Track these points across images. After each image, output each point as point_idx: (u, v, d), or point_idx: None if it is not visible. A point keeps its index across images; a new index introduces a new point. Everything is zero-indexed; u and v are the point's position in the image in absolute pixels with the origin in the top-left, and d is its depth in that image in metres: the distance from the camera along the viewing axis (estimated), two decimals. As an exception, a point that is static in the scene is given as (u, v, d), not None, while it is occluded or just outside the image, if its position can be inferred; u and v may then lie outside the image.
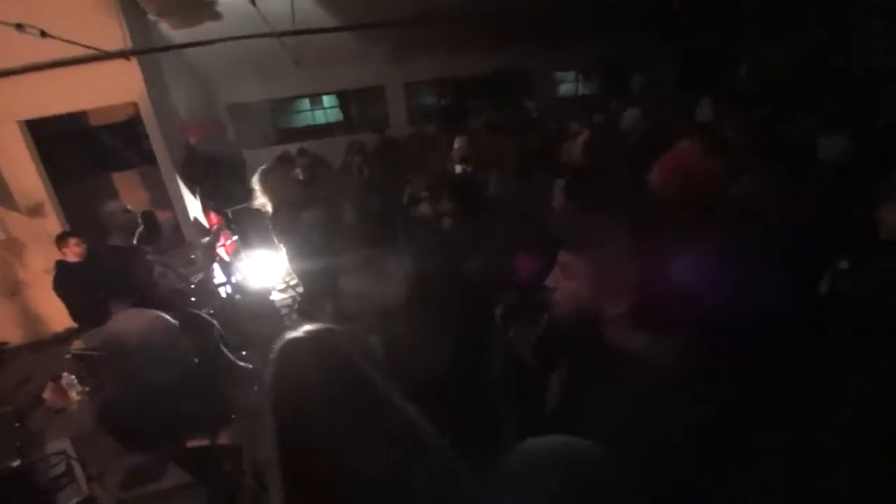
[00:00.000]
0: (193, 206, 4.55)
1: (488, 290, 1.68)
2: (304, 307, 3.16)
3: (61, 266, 3.20)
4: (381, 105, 7.82)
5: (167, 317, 1.56)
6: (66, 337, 3.41)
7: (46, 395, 2.58)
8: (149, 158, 4.61)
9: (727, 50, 7.41)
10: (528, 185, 2.77)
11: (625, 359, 0.89)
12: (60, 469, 1.64)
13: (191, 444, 1.56)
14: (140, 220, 3.16)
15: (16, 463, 1.56)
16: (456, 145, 3.92)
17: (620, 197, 1.63)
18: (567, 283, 0.95)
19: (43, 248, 3.90)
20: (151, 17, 4.42)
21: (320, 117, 8.03)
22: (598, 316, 0.93)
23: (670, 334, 0.90)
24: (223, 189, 4.25)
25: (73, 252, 3.19)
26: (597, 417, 0.84)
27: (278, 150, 6.28)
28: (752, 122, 3.29)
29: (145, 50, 4.05)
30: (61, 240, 3.24)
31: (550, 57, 8.07)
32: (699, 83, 6.41)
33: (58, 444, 1.79)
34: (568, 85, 9.23)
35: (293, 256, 2.81)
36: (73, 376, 2.72)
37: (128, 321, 1.53)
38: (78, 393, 2.67)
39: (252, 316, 3.66)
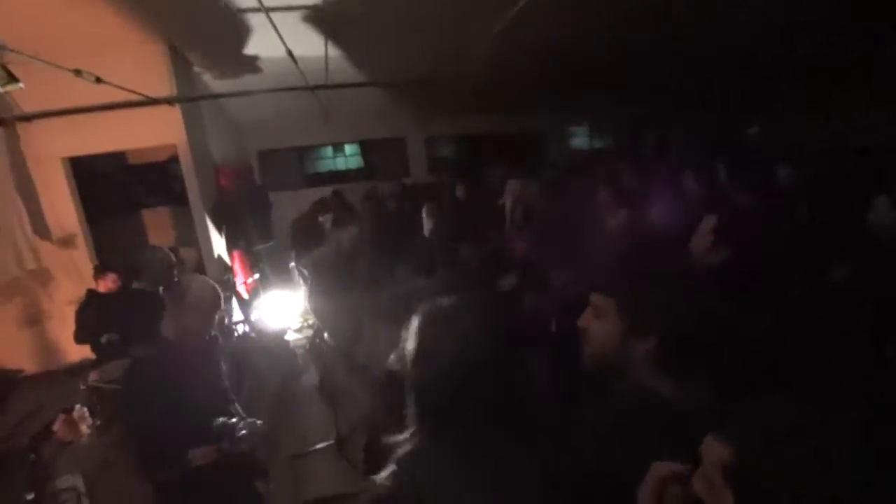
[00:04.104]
0: (218, 245, 4.66)
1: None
2: (319, 344, 3.17)
3: (91, 294, 3.30)
4: (403, 155, 8.16)
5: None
6: (80, 368, 3.41)
7: (57, 427, 2.55)
8: (178, 197, 4.79)
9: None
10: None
11: (651, 398, 0.92)
12: (70, 504, 1.60)
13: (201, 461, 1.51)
14: (174, 258, 3.22)
15: (30, 496, 1.53)
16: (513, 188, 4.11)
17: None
18: (597, 322, 1.00)
19: (70, 279, 3.98)
20: (197, 68, 4.76)
21: (341, 164, 8.37)
22: (627, 355, 0.96)
23: (696, 375, 0.91)
24: (250, 229, 4.37)
25: (106, 286, 3.30)
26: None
27: (304, 193, 6.51)
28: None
29: (190, 98, 4.33)
30: (99, 271, 3.37)
31: (562, 115, 8.40)
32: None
33: (69, 479, 1.75)
34: (581, 139, 9.54)
35: (313, 292, 2.87)
36: (86, 409, 2.70)
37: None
38: (88, 426, 2.64)
39: (265, 354, 3.64)
